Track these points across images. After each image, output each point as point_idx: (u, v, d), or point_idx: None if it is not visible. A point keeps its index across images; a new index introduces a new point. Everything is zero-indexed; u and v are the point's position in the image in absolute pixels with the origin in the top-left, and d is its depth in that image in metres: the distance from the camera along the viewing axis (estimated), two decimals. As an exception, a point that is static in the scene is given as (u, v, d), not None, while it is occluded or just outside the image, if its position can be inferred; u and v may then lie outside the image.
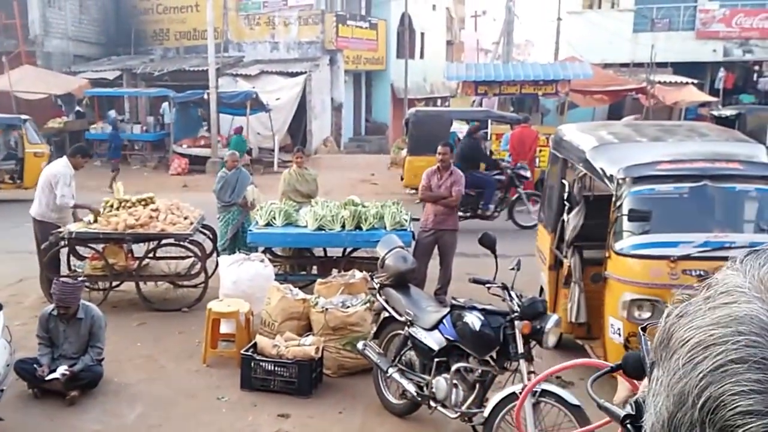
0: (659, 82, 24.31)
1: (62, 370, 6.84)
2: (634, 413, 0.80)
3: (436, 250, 9.35)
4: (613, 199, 6.39)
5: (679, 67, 27.01)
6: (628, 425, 0.95)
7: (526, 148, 16.13)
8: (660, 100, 23.75)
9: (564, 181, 7.56)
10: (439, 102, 37.42)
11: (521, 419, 5.13)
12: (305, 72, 26.89)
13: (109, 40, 30.61)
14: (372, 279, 7.29)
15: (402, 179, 17.83)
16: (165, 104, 25.66)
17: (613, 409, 5.18)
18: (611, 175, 6.45)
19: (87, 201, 10.31)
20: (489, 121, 18.89)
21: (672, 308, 0.69)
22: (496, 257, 6.18)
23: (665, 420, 0.64)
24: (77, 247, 9.72)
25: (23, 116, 19.15)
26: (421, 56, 38.51)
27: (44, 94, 24.01)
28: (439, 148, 9.26)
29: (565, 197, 7.32)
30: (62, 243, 9.40)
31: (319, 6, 28.77)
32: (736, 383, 0.58)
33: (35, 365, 6.94)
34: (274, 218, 9.64)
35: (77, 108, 26.28)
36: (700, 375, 0.60)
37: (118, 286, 9.80)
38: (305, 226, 9.54)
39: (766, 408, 0.56)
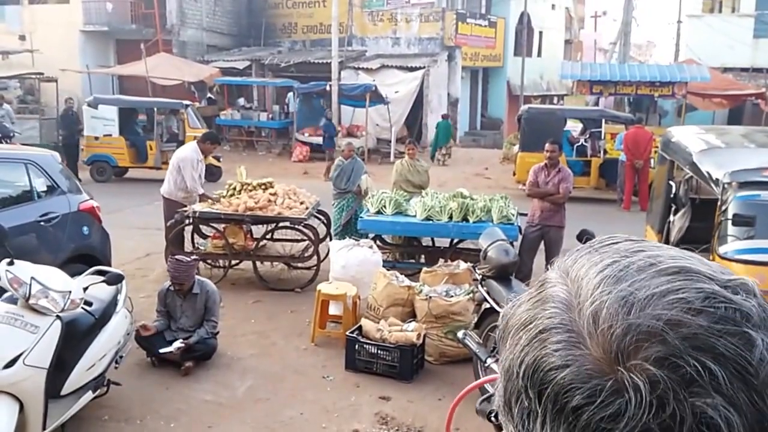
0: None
1: (177, 344, 7.05)
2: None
3: (542, 246, 9.38)
4: (719, 203, 6.34)
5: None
6: (492, 419, 1.11)
7: (641, 148, 15.93)
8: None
9: (671, 182, 7.53)
10: (555, 100, 37.14)
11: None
12: (424, 67, 27.26)
13: (241, 32, 31.94)
14: (474, 270, 7.38)
15: (514, 174, 17.86)
16: (290, 94, 26.52)
17: (483, 408, 5.11)
18: (717, 179, 6.38)
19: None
20: (603, 121, 18.69)
21: (509, 304, 0.78)
22: None
23: (501, 396, 0.73)
24: (200, 226, 10.29)
25: (185, 102, 20.15)
26: (539, 54, 38.33)
27: (178, 80, 25.17)
28: (547, 146, 9.28)
29: (672, 198, 7.30)
30: (187, 221, 9.91)
31: (440, 4, 29.34)
32: (544, 348, 0.67)
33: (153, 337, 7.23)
34: (385, 207, 9.89)
35: (209, 95, 27.53)
36: (519, 348, 0.70)
37: (237, 264, 10.21)
38: (414, 216, 9.74)
39: (566, 362, 0.65)
